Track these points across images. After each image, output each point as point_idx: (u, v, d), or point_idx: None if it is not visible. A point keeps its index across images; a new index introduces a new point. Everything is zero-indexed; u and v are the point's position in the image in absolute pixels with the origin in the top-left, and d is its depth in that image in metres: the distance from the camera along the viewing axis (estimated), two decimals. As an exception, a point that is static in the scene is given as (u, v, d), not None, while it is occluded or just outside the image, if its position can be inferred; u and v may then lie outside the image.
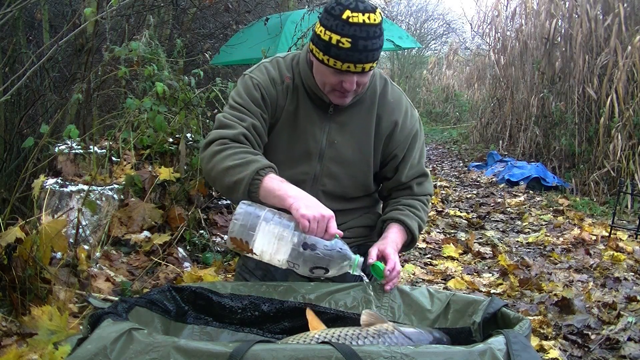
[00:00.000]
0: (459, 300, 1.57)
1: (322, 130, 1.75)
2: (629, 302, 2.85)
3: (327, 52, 1.57)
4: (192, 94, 3.48)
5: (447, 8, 26.19)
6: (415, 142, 1.83)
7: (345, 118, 1.76)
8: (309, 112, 1.75)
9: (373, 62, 1.59)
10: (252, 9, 6.89)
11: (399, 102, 1.81)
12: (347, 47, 1.53)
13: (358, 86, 1.65)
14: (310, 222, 1.43)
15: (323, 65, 1.60)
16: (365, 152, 1.78)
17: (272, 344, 1.13)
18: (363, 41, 1.53)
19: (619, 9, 6.65)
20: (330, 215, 1.46)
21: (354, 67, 1.57)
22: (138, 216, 2.96)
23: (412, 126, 1.82)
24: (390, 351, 1.08)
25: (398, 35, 6.29)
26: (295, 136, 1.76)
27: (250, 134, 1.66)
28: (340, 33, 1.54)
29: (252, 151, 1.62)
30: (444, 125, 14.67)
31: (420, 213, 1.83)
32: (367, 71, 1.60)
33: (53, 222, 2.26)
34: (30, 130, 4.20)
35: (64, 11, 5.06)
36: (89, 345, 1.14)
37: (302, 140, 1.75)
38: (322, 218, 1.44)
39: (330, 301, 1.62)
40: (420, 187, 1.87)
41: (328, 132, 1.75)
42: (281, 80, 1.74)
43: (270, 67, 1.76)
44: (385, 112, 1.78)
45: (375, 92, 1.78)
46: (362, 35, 1.53)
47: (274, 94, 1.73)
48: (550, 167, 7.37)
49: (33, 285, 2.17)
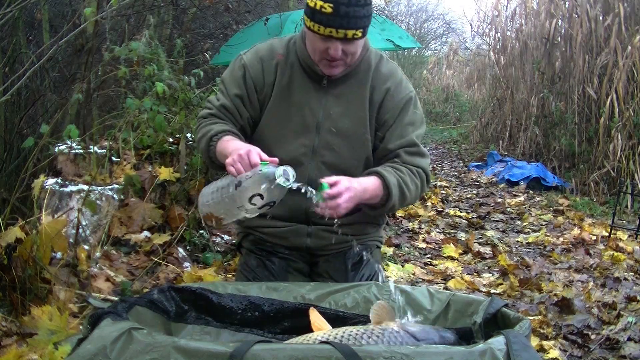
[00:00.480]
0: (459, 300, 1.57)
1: (319, 103, 1.79)
2: (629, 302, 2.85)
3: (312, 17, 1.63)
4: (192, 94, 3.48)
5: (447, 8, 26.23)
6: (407, 110, 1.82)
7: (341, 90, 1.80)
8: (305, 85, 1.79)
9: (356, 30, 1.63)
10: (252, 9, 6.88)
11: (393, 73, 1.84)
12: (329, 12, 1.59)
13: (346, 55, 1.69)
14: (233, 166, 1.53)
15: (311, 32, 1.67)
16: (362, 123, 1.80)
17: (273, 344, 1.13)
18: (344, 7, 1.59)
19: (619, 8, 6.65)
20: (248, 149, 1.55)
21: (336, 33, 1.62)
22: (138, 216, 2.96)
23: (404, 94, 1.82)
24: (390, 351, 1.08)
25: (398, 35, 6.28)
26: (292, 110, 1.80)
27: (221, 112, 1.81)
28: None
29: (214, 122, 1.79)
30: (444, 125, 14.67)
31: (403, 176, 1.75)
32: (350, 38, 1.64)
33: (53, 222, 2.26)
34: (30, 130, 4.20)
35: (64, 11, 5.06)
36: (89, 345, 1.14)
37: (298, 113, 1.79)
38: (240, 157, 1.53)
39: (330, 301, 1.61)
40: (410, 157, 1.80)
41: (324, 104, 1.79)
42: (271, 57, 1.80)
43: (262, 47, 1.84)
44: (379, 82, 1.81)
45: (370, 65, 1.81)
46: (344, 1, 1.59)
47: (259, 71, 1.80)
48: (550, 167, 7.37)
49: (33, 285, 2.17)
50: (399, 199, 1.74)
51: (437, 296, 1.59)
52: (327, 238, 1.89)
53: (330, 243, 1.90)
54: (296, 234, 1.87)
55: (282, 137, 1.79)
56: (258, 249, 1.91)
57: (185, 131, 3.47)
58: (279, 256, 1.90)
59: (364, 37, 1.69)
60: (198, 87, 3.61)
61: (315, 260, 1.96)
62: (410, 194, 1.76)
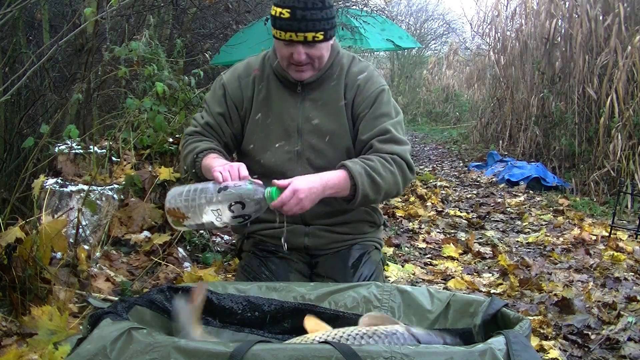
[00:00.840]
0: (459, 300, 1.57)
1: (297, 109, 1.85)
2: (629, 302, 2.85)
3: (274, 25, 1.72)
4: (192, 94, 3.48)
5: (447, 8, 26.12)
6: (379, 102, 1.84)
7: (317, 94, 1.85)
8: (281, 95, 1.86)
9: (316, 32, 1.70)
10: (252, 9, 6.88)
11: (363, 70, 1.89)
12: (287, 17, 1.67)
13: (312, 59, 1.76)
14: (222, 173, 1.57)
15: (276, 40, 1.76)
16: (340, 122, 1.85)
17: (273, 344, 1.13)
18: (301, 11, 1.66)
19: (619, 9, 6.64)
20: (239, 164, 1.62)
21: (296, 36, 1.69)
22: (138, 216, 2.96)
23: (374, 88, 1.85)
24: (390, 351, 1.08)
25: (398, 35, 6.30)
26: (272, 119, 1.86)
27: (205, 130, 1.89)
28: (281, 5, 1.69)
29: (199, 139, 1.87)
30: (444, 125, 14.67)
31: (372, 163, 1.70)
32: (310, 41, 1.70)
33: (53, 222, 2.26)
34: (30, 130, 4.20)
35: (64, 11, 5.05)
36: (89, 345, 1.14)
37: (278, 121, 1.85)
38: (231, 167, 1.60)
39: (330, 301, 1.61)
40: (383, 145, 1.76)
41: (302, 109, 1.85)
42: (247, 74, 1.88)
43: (240, 66, 1.93)
44: (351, 80, 1.86)
45: (342, 67, 1.87)
46: (300, 6, 1.66)
47: (237, 88, 1.88)
48: (550, 167, 7.37)
49: (33, 285, 2.17)
50: (371, 187, 1.68)
51: (437, 296, 1.59)
52: (324, 237, 1.90)
53: (329, 242, 1.91)
54: (294, 234, 1.88)
55: (267, 146, 1.85)
56: (259, 249, 1.93)
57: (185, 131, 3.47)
58: (278, 256, 1.91)
59: (327, 40, 1.75)
60: (198, 87, 3.62)
61: (315, 260, 1.97)
62: (384, 181, 1.70)
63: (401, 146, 1.78)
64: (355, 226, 1.94)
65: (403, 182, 1.77)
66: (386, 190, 1.73)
